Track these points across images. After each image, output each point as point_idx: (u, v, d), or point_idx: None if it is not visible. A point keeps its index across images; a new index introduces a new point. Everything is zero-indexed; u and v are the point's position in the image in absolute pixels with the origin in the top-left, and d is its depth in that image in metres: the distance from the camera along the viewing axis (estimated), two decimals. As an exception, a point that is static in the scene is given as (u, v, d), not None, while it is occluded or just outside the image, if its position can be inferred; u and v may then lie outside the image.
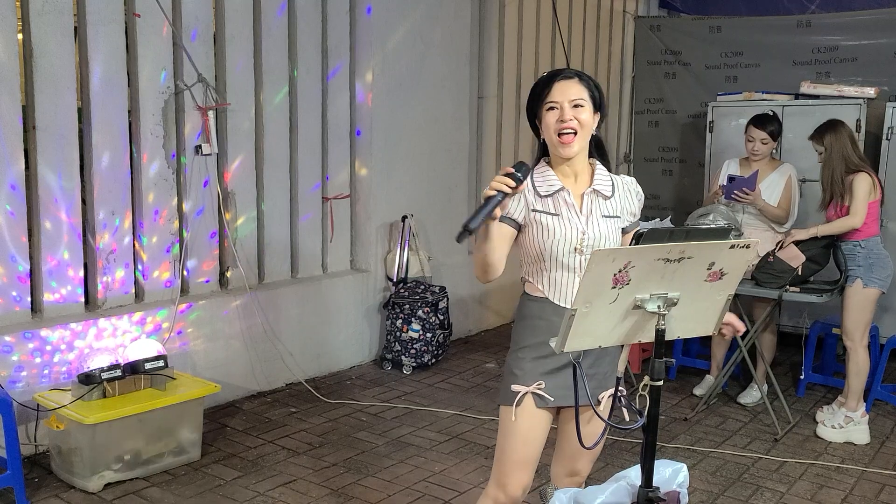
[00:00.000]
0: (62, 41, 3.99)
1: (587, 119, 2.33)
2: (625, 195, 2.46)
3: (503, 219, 2.31)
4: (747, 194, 4.74)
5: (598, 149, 2.47)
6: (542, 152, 2.45)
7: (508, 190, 2.08)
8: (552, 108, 2.33)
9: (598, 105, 2.37)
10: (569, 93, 2.31)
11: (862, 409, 4.47)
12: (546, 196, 2.36)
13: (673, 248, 1.88)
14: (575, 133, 2.31)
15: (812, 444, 4.40)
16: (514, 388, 2.39)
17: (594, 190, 2.40)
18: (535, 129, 2.45)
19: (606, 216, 2.39)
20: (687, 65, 7.41)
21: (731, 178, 4.82)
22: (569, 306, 2.24)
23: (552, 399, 2.37)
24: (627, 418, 2.33)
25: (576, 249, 2.34)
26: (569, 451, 2.51)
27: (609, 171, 2.47)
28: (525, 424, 2.38)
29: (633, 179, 2.53)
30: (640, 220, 2.54)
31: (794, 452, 4.29)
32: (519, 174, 2.10)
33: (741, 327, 2.33)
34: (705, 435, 4.51)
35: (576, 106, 2.31)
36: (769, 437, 4.47)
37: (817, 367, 5.38)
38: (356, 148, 5.59)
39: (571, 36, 7.37)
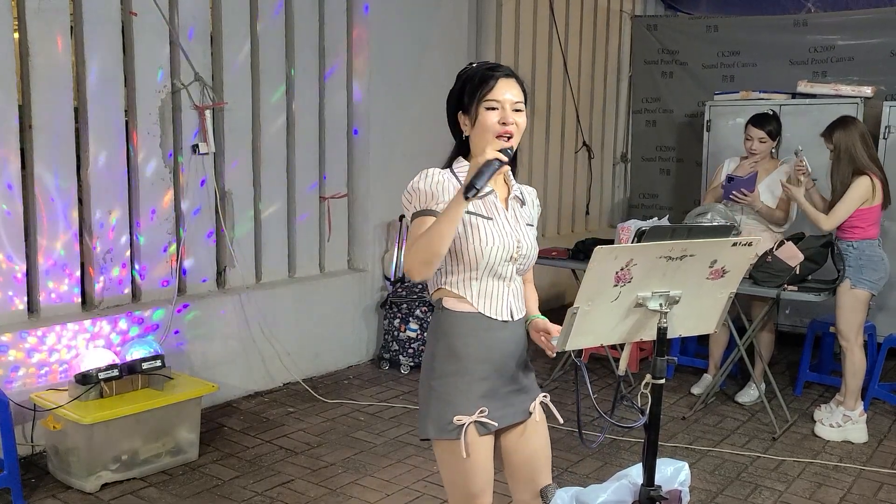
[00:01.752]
0: (58, 40, 3.98)
1: (523, 124, 2.18)
2: (531, 204, 2.34)
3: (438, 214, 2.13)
4: (746, 195, 4.74)
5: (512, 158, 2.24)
6: (461, 150, 2.28)
7: (505, 160, 2.00)
8: (492, 108, 2.14)
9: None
10: (512, 94, 2.16)
11: (860, 409, 4.47)
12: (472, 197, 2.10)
13: (675, 246, 1.87)
14: (510, 137, 2.14)
15: (810, 443, 4.41)
16: (458, 419, 2.14)
17: (515, 196, 2.27)
18: (454, 122, 2.26)
19: (528, 224, 2.27)
20: (684, 64, 7.42)
21: (729, 178, 4.82)
22: (500, 318, 2.18)
23: (496, 424, 2.18)
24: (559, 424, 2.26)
25: (512, 258, 2.18)
26: (524, 472, 2.30)
27: (515, 177, 2.33)
28: (475, 455, 2.17)
29: (534, 190, 2.40)
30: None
31: (792, 451, 4.29)
32: (510, 152, 2.06)
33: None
34: (703, 434, 4.51)
35: (516, 109, 2.16)
36: (767, 436, 4.47)
37: (815, 365, 5.38)
38: (353, 147, 5.58)
39: (568, 35, 7.37)
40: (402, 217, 5.67)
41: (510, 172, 2.30)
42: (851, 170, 4.27)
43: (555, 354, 2.23)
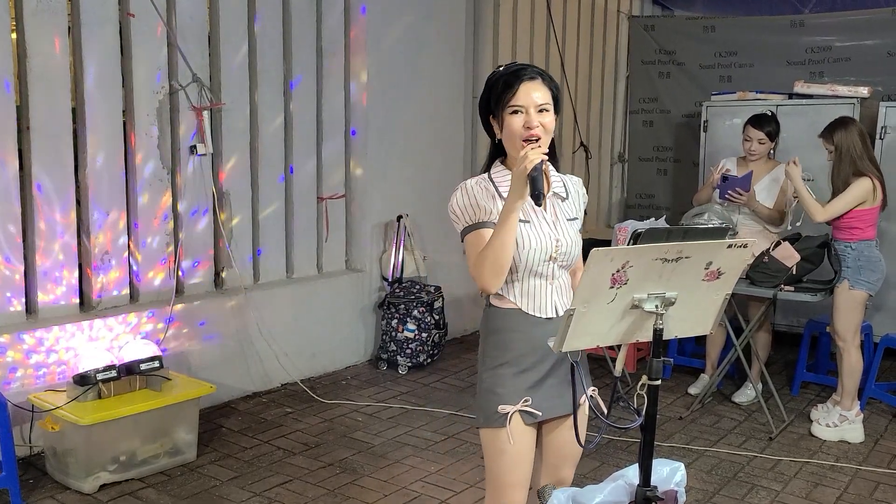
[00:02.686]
0: (56, 41, 3.98)
1: (551, 124, 2.20)
2: (575, 195, 2.36)
3: (493, 224, 2.20)
4: (741, 195, 4.75)
5: (550, 151, 2.27)
6: (497, 153, 2.32)
7: (545, 158, 2.07)
8: (516, 112, 2.18)
9: (557, 106, 2.25)
10: (535, 96, 2.18)
11: (856, 409, 4.48)
12: None
13: (671, 248, 1.88)
14: (538, 139, 2.17)
15: (807, 443, 4.42)
16: (502, 408, 2.25)
17: (555, 193, 2.29)
18: (488, 127, 2.30)
19: (569, 219, 2.30)
20: (681, 64, 7.43)
21: (724, 178, 4.83)
22: (544, 316, 2.25)
23: (540, 413, 2.27)
24: (605, 413, 2.29)
25: (550, 258, 2.23)
26: (553, 462, 2.41)
27: (558, 170, 2.35)
28: (517, 444, 2.27)
29: (580, 179, 2.42)
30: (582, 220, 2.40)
31: (788, 451, 4.30)
32: (537, 141, 2.12)
33: None
34: (700, 434, 4.52)
35: (541, 111, 2.18)
36: (764, 436, 4.49)
37: (811, 365, 5.40)
38: (351, 148, 5.59)
39: (566, 35, 7.37)
40: (399, 217, 5.67)
41: (551, 167, 2.31)
42: (852, 170, 4.28)
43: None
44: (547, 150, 2.12)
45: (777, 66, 6.78)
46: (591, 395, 2.35)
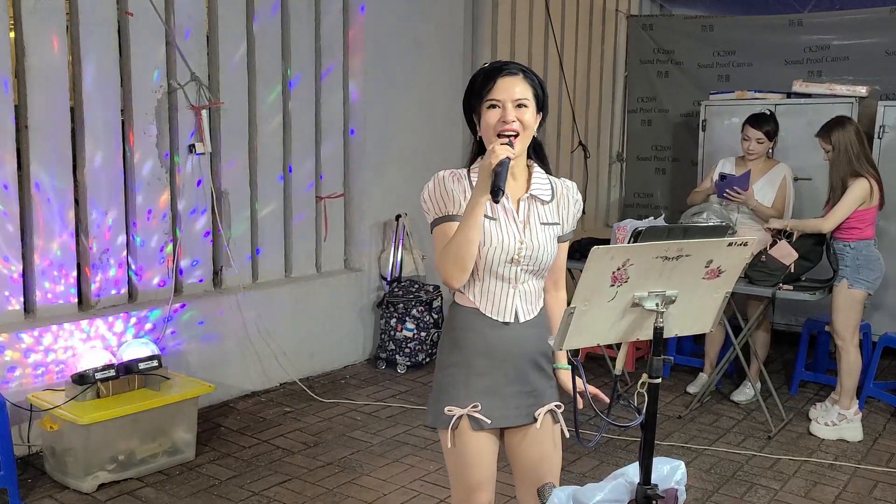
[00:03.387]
0: (54, 40, 3.97)
1: (530, 120, 2.15)
2: (564, 200, 2.29)
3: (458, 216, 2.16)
4: (739, 194, 4.75)
5: (536, 151, 2.27)
6: (479, 150, 2.25)
7: (513, 154, 2.03)
8: (493, 107, 2.14)
9: (542, 105, 2.20)
10: (512, 91, 2.13)
11: (855, 407, 4.49)
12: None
13: (671, 246, 1.88)
14: (517, 135, 2.13)
15: (805, 442, 4.42)
16: (448, 409, 2.19)
17: (531, 195, 2.22)
18: (472, 125, 2.26)
19: (545, 223, 2.23)
20: (679, 64, 7.43)
21: (722, 177, 4.83)
22: (501, 319, 2.20)
23: (489, 421, 2.19)
24: (567, 433, 2.28)
25: (512, 260, 2.17)
26: (531, 477, 2.30)
27: (549, 173, 2.30)
28: (468, 448, 2.20)
29: (574, 185, 2.35)
30: (574, 230, 2.36)
31: (787, 450, 4.30)
32: (509, 139, 2.09)
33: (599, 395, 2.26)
34: (699, 433, 4.52)
35: (519, 106, 2.13)
36: (763, 435, 4.49)
37: (810, 364, 5.40)
38: (350, 147, 5.58)
39: (564, 35, 7.37)
40: (398, 217, 5.67)
41: (538, 169, 2.27)
42: (850, 170, 4.28)
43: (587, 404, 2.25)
44: (514, 149, 2.06)
45: (775, 66, 6.79)
46: (551, 410, 2.28)
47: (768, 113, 4.95)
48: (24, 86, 3.92)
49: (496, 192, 1.98)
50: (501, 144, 2.05)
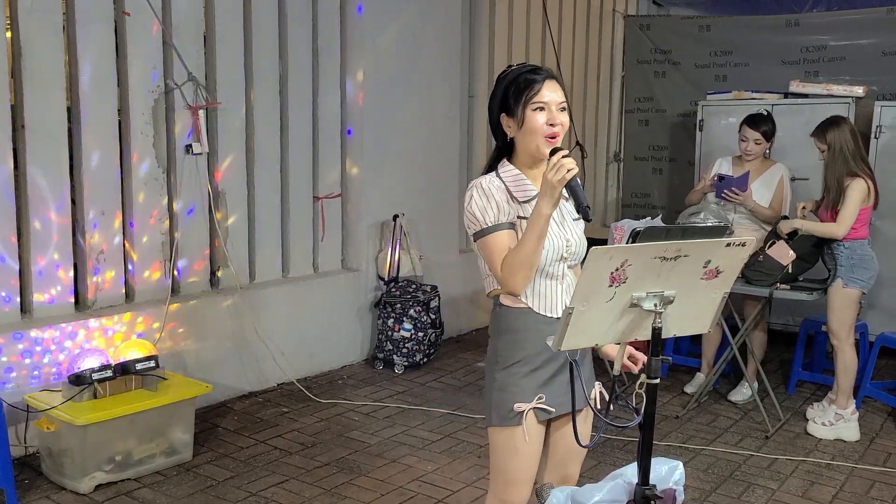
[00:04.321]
0: (51, 39, 3.97)
1: (567, 122, 2.26)
2: None
3: (510, 224, 2.24)
4: (737, 194, 4.76)
5: None
6: (503, 153, 2.32)
7: (576, 168, 2.10)
8: (540, 109, 2.21)
9: None
10: (556, 95, 2.23)
11: (852, 407, 4.50)
12: (524, 202, 2.26)
13: (669, 247, 1.88)
14: (555, 137, 2.23)
15: (803, 441, 4.43)
16: (518, 406, 2.28)
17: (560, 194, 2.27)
18: (496, 124, 2.30)
19: (574, 219, 2.32)
20: (677, 64, 7.43)
21: (720, 177, 4.84)
22: (554, 316, 2.26)
23: (553, 410, 2.30)
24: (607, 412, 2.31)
25: (562, 258, 2.27)
26: (559, 458, 2.44)
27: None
28: (531, 442, 2.31)
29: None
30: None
31: (784, 449, 4.31)
32: (567, 151, 2.16)
33: (640, 357, 2.28)
34: (696, 433, 4.53)
35: (561, 109, 2.24)
36: (760, 435, 4.49)
37: (807, 364, 5.41)
38: (347, 147, 5.58)
39: (561, 35, 7.38)
40: (395, 217, 5.67)
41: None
42: (846, 170, 4.29)
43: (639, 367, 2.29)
44: (574, 162, 2.14)
45: (772, 66, 6.79)
46: (598, 393, 2.40)
47: (766, 113, 4.95)
48: (20, 85, 3.91)
49: (586, 212, 2.12)
50: (564, 157, 2.11)
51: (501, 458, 2.35)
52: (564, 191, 2.16)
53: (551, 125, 2.21)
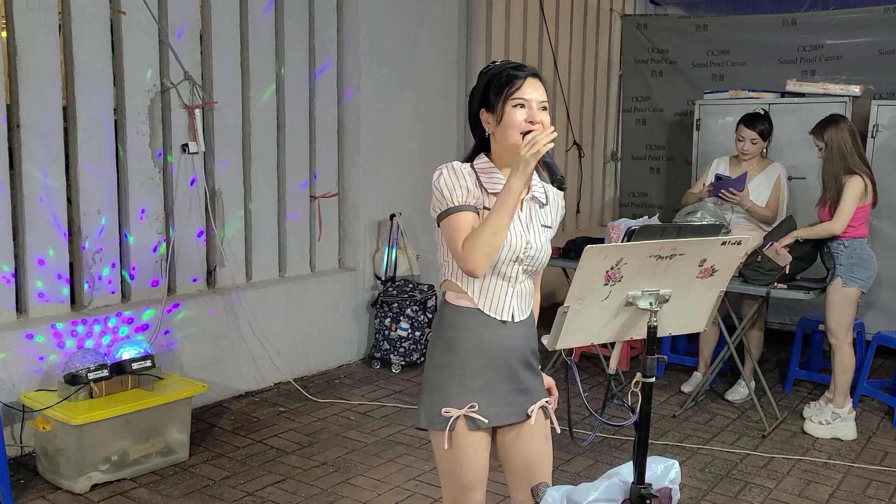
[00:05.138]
0: (47, 38, 3.96)
1: (548, 121, 2.18)
2: (554, 206, 2.32)
3: (475, 209, 2.16)
4: (734, 194, 4.76)
5: None
6: (481, 147, 2.27)
7: (555, 135, 2.08)
8: (520, 106, 2.15)
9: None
10: (538, 93, 2.17)
11: (849, 406, 4.50)
12: (491, 193, 2.18)
13: (665, 245, 1.88)
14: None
15: (800, 441, 4.43)
16: (445, 411, 2.18)
17: (533, 197, 2.25)
18: (475, 121, 2.25)
19: (543, 226, 2.26)
20: (674, 63, 7.44)
21: (718, 178, 4.84)
22: (499, 318, 2.20)
23: (486, 421, 2.20)
24: (558, 429, 2.30)
25: (517, 259, 2.18)
26: (524, 474, 2.31)
27: (540, 178, 2.31)
28: (464, 448, 2.21)
29: (561, 193, 2.32)
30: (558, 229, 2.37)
31: (781, 448, 4.31)
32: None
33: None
34: (693, 432, 4.53)
35: (542, 108, 2.18)
36: (757, 434, 4.49)
37: (804, 363, 5.41)
38: (344, 146, 5.57)
39: (558, 34, 7.38)
40: (392, 216, 5.66)
41: (536, 176, 2.28)
42: (843, 168, 4.30)
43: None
44: (553, 133, 2.09)
45: (769, 65, 6.80)
46: (541, 408, 2.29)
47: (762, 112, 4.95)
48: (16, 85, 3.90)
49: (560, 181, 2.05)
50: (541, 132, 2.07)
51: (440, 461, 2.28)
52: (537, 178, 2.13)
53: (530, 122, 2.14)
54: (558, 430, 2.32)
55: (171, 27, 4.47)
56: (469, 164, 2.25)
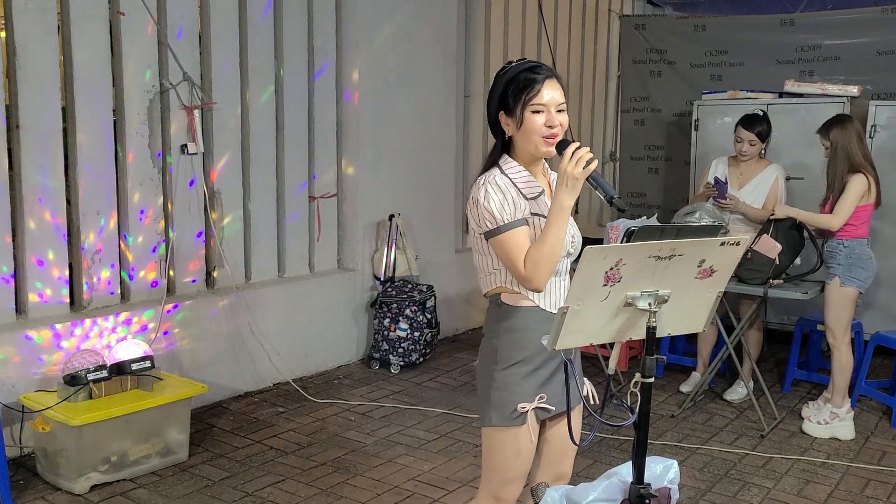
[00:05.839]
0: (46, 39, 3.96)
1: (566, 122, 2.27)
2: None
3: (525, 221, 2.23)
4: (725, 199, 4.79)
5: None
6: (504, 149, 2.31)
7: (595, 160, 2.14)
8: (539, 112, 2.21)
9: None
10: (556, 95, 2.23)
11: (847, 406, 4.51)
12: (531, 198, 2.26)
13: (664, 246, 1.89)
14: (555, 137, 2.24)
15: (798, 440, 4.44)
16: (521, 406, 2.28)
17: (551, 186, 2.35)
18: (495, 123, 2.30)
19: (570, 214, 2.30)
20: (672, 63, 7.44)
21: (717, 181, 4.88)
22: (555, 311, 2.24)
23: (553, 409, 2.32)
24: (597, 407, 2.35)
25: (568, 253, 2.29)
26: (554, 455, 2.45)
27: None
28: (529, 440, 2.32)
29: None
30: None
31: (780, 448, 4.31)
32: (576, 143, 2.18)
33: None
34: (692, 432, 4.53)
35: (559, 110, 2.24)
36: (755, 434, 4.50)
37: (802, 363, 5.42)
38: (343, 147, 5.57)
39: (557, 34, 7.38)
40: (391, 216, 5.67)
41: (547, 166, 2.36)
42: (847, 167, 4.31)
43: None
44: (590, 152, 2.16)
45: (767, 65, 6.81)
46: (590, 390, 2.42)
47: (761, 113, 4.95)
48: (15, 85, 3.90)
49: (620, 203, 2.13)
50: (579, 147, 2.13)
51: (500, 457, 2.33)
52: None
53: (550, 126, 2.20)
54: (600, 410, 2.34)
55: (171, 28, 4.48)
56: (499, 169, 2.28)
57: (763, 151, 4.95)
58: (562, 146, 2.18)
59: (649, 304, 1.95)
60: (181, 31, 4.53)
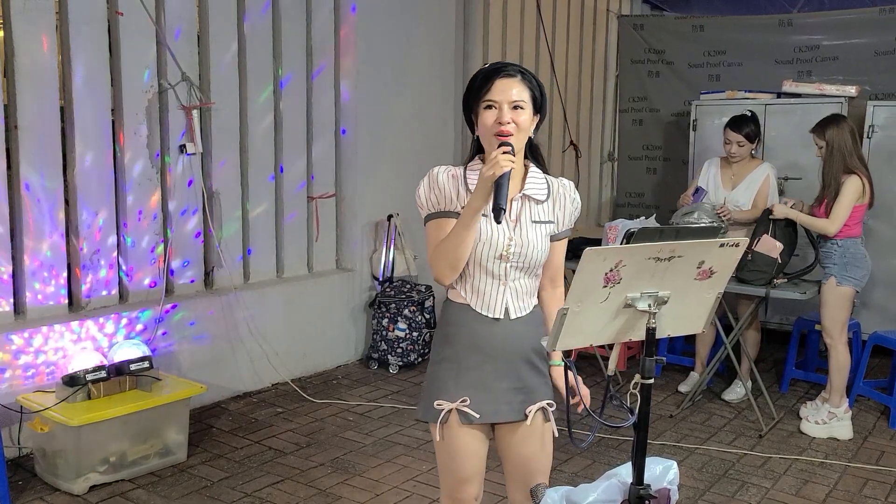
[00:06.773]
0: (44, 39, 3.95)
1: (525, 122, 2.16)
2: (560, 199, 2.28)
3: (456, 214, 2.20)
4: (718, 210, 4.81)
5: (532, 152, 2.29)
6: (478, 149, 2.28)
7: (514, 166, 2.07)
8: (490, 107, 2.15)
9: (539, 107, 2.21)
10: (509, 93, 2.14)
11: (845, 405, 4.51)
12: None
13: (664, 247, 1.89)
14: (509, 135, 2.14)
15: (796, 440, 4.44)
16: (438, 403, 2.23)
17: (525, 195, 2.23)
18: (470, 124, 2.27)
19: (536, 221, 2.24)
20: (670, 63, 7.45)
21: (697, 189, 4.92)
22: (491, 315, 2.23)
23: (477, 416, 2.22)
24: (556, 432, 2.32)
25: (501, 256, 2.19)
26: (521, 474, 2.33)
27: (546, 173, 2.31)
28: (457, 442, 2.25)
29: (572, 184, 2.34)
30: (572, 228, 2.36)
31: (778, 448, 4.32)
32: (511, 147, 2.10)
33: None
34: (691, 431, 4.54)
35: (515, 108, 2.14)
36: (754, 434, 4.51)
37: (800, 363, 5.43)
38: (341, 147, 5.58)
39: (555, 34, 7.38)
40: (390, 217, 5.67)
41: (534, 169, 2.28)
42: (843, 166, 4.32)
43: (582, 408, 2.27)
44: (514, 162, 2.08)
45: (765, 66, 6.81)
46: (542, 409, 2.29)
47: (749, 115, 4.93)
48: (13, 85, 3.90)
49: (498, 213, 2.02)
50: (504, 154, 2.06)
51: (440, 456, 2.32)
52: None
53: (499, 123, 2.13)
54: (556, 434, 2.34)
55: (169, 28, 4.47)
56: (463, 167, 2.28)
57: (754, 152, 4.95)
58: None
59: (649, 306, 1.95)
60: (180, 32, 4.53)
